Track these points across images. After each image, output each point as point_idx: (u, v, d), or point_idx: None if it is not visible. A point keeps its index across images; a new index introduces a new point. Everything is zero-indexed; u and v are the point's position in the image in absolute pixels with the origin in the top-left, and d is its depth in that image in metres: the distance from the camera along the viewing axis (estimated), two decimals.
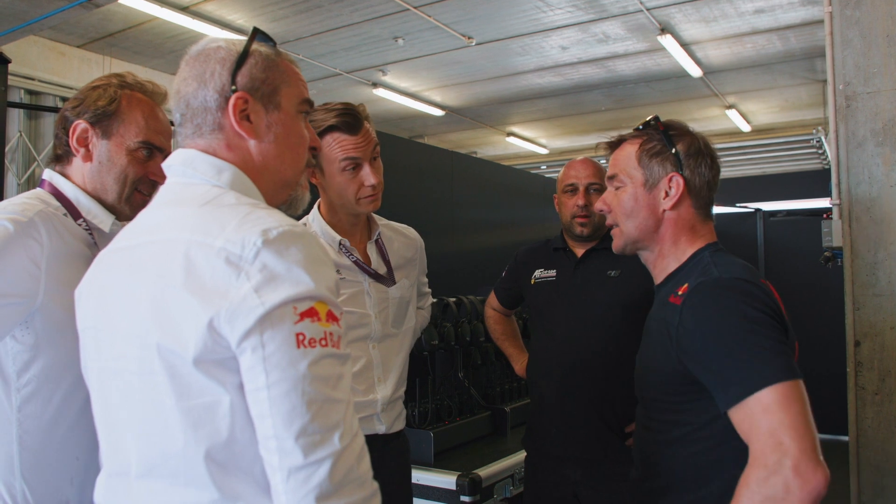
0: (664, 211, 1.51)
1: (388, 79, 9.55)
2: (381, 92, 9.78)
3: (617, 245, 1.60)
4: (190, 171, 1.13)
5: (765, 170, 13.30)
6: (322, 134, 1.92)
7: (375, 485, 0.99)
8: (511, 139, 12.87)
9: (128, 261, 1.09)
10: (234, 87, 1.12)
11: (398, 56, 8.66)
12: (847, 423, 2.42)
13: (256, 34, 1.16)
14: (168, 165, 1.16)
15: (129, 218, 1.53)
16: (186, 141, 1.16)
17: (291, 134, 1.18)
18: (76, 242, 1.46)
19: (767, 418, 1.21)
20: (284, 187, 1.20)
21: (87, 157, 1.53)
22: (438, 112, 11.02)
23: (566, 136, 13.08)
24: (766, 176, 11.89)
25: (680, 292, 1.40)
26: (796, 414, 1.21)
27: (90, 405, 1.31)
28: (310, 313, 0.96)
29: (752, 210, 7.17)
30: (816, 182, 7.74)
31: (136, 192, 1.55)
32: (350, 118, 1.94)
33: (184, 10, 6.95)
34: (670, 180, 1.50)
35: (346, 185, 1.95)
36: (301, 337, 0.95)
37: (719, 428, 1.33)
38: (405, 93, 10.17)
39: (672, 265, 1.52)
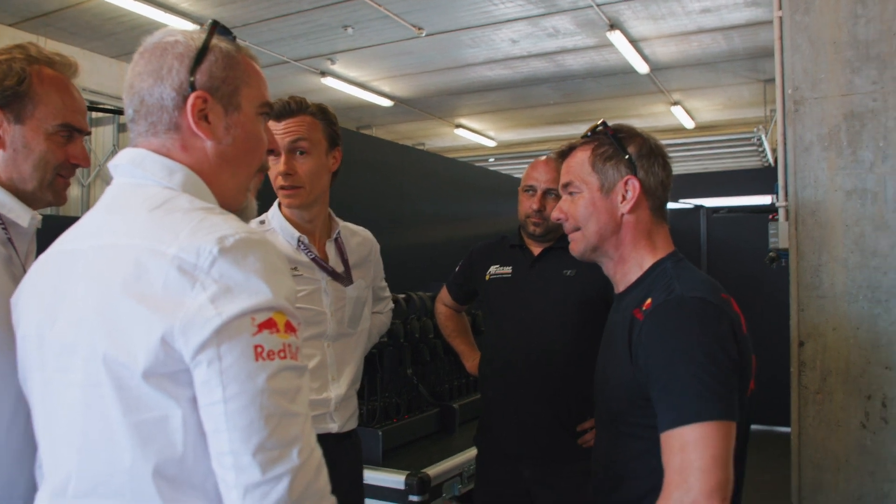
0: (622, 215, 1.50)
1: (336, 68, 9.44)
2: (329, 81, 9.67)
3: (577, 249, 1.56)
4: (139, 171, 1.07)
5: (707, 166, 13.60)
6: None
7: (333, 499, 0.97)
8: (459, 131, 12.88)
9: (73, 265, 1.03)
10: (192, 84, 1.06)
11: (347, 45, 8.57)
12: (783, 417, 2.49)
13: (216, 27, 1.11)
14: (115, 165, 1.10)
15: (51, 204, 1.44)
16: (139, 139, 1.09)
17: (250, 137, 1.13)
18: None
19: (681, 455, 1.24)
20: (239, 191, 1.15)
21: None
22: (387, 102, 10.95)
23: (514, 129, 13.15)
24: (708, 173, 12.13)
25: (644, 308, 1.40)
26: (711, 456, 1.23)
27: (15, 424, 1.22)
28: (268, 324, 0.93)
29: (694, 206, 7.31)
30: (757, 179, 7.94)
31: (58, 176, 1.40)
32: (280, 105, 1.94)
33: None
34: (626, 183, 1.49)
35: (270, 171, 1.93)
36: (259, 349, 0.91)
37: None
38: (353, 82, 10.08)
39: (634, 273, 1.51)
